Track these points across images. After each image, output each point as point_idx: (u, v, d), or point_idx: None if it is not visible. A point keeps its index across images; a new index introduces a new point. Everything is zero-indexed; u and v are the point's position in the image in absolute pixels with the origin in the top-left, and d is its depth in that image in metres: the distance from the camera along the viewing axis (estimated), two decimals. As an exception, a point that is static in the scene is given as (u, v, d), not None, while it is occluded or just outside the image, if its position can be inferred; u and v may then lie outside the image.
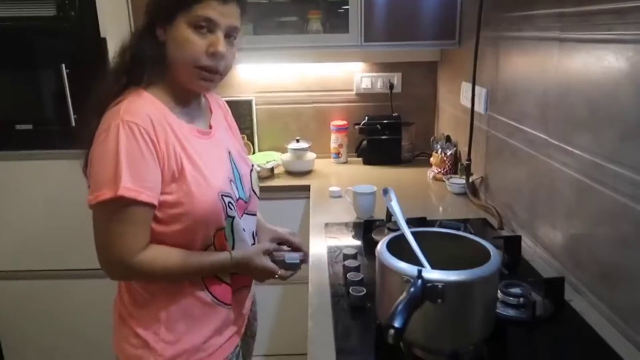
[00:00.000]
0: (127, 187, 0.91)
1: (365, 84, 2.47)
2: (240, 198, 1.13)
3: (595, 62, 1.11)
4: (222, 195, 1.04)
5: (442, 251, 1.03)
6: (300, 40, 2.13)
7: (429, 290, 0.81)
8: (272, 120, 2.49)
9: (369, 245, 1.48)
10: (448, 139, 2.20)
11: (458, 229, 1.32)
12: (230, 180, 1.10)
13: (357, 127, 2.41)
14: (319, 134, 2.49)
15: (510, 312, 1.09)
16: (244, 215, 1.16)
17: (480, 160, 1.86)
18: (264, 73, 2.44)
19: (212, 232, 1.04)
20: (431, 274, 0.83)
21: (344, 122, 2.45)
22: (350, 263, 1.30)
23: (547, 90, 1.34)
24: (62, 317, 2.18)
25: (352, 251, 1.37)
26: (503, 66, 1.64)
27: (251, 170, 1.22)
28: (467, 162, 1.88)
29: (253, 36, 2.12)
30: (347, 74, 2.48)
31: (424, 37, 2.09)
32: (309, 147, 2.32)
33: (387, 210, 1.59)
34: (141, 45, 1.02)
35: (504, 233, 1.56)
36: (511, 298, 1.11)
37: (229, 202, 1.06)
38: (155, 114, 0.98)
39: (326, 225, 1.70)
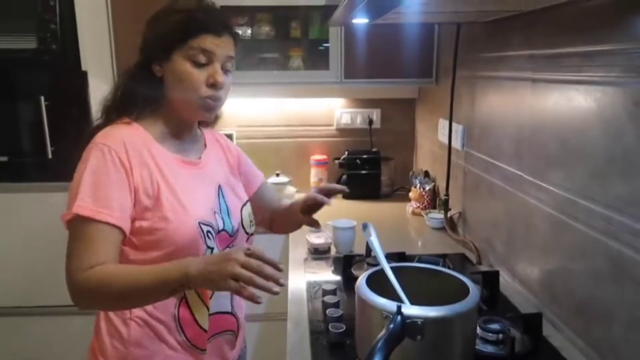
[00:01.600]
0: (82, 206, 0.91)
1: (345, 119, 2.51)
2: (224, 230, 1.08)
3: (566, 101, 1.15)
4: (200, 224, 1.01)
5: (422, 286, 1.03)
6: (281, 77, 2.17)
7: (408, 327, 0.81)
8: (252, 154, 2.44)
9: (349, 281, 1.47)
10: (426, 174, 2.23)
11: (437, 264, 1.34)
12: (214, 212, 1.07)
13: (337, 161, 2.43)
14: (299, 168, 2.51)
15: (489, 349, 1.09)
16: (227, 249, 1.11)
17: (458, 195, 1.89)
18: (245, 107, 2.46)
19: None
20: (410, 310, 0.83)
21: (324, 157, 2.48)
22: (329, 299, 1.29)
23: (521, 128, 1.38)
24: (36, 356, 2.09)
25: (332, 286, 1.36)
26: (479, 104, 1.69)
27: (243, 206, 1.18)
28: (445, 197, 1.90)
29: (235, 71, 2.14)
30: (328, 110, 2.52)
31: (402, 74, 2.15)
32: (289, 181, 2.33)
33: (367, 245, 1.59)
34: (134, 83, 1.04)
35: (483, 268, 1.57)
36: (490, 334, 1.10)
37: (208, 232, 1.03)
38: (132, 139, 0.99)
39: (305, 260, 1.69)
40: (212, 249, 1.04)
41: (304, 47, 2.26)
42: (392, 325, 0.79)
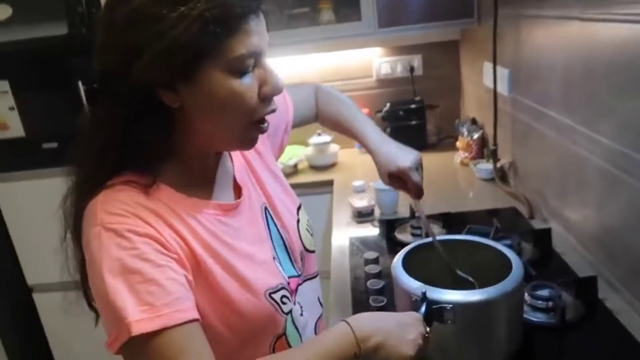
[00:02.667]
0: (137, 319, 0.61)
1: (385, 69, 2.40)
2: (290, 277, 0.85)
3: (617, 43, 1.02)
4: (269, 294, 0.77)
5: (467, 260, 0.99)
6: (312, 33, 2.08)
7: (435, 312, 0.77)
8: (292, 114, 2.46)
9: (393, 245, 1.45)
10: (474, 121, 2.11)
11: (487, 234, 1.28)
12: (274, 258, 0.83)
13: (379, 114, 2.34)
14: (341, 125, 2.44)
15: (539, 317, 1.04)
16: (300, 286, 0.88)
17: (507, 144, 1.78)
18: (278, 67, 2.40)
19: (268, 344, 0.79)
20: (439, 294, 0.80)
21: (366, 110, 2.38)
22: (371, 269, 1.27)
23: (569, 72, 1.25)
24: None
25: (373, 255, 1.34)
26: (524, 45, 1.55)
27: (298, 222, 0.92)
28: (493, 147, 1.80)
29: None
30: (365, 61, 2.41)
31: (439, 16, 1.99)
32: (331, 139, 2.28)
33: (410, 206, 1.55)
34: (140, 130, 0.67)
35: (535, 223, 1.49)
36: (539, 302, 1.06)
37: (282, 297, 0.79)
38: (149, 202, 0.69)
39: (349, 223, 1.67)
40: (290, 311, 0.82)
41: (334, -2, 2.14)
42: (419, 311, 0.76)
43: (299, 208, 0.95)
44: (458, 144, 2.11)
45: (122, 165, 0.70)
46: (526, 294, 1.08)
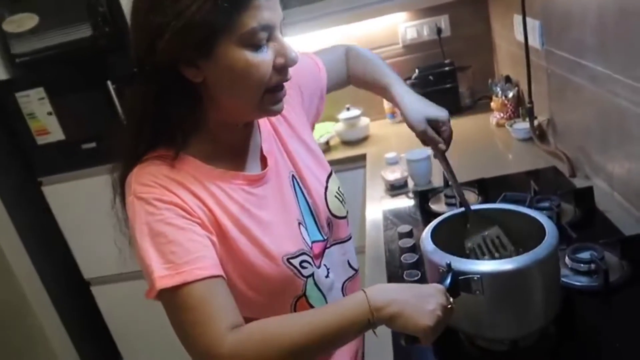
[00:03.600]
0: (162, 276, 0.70)
1: (411, 34, 2.32)
2: (314, 241, 0.90)
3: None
4: (288, 260, 0.83)
5: (503, 228, 0.95)
6: (331, 6, 2.03)
7: (462, 283, 0.75)
8: (321, 90, 2.43)
9: (428, 216, 1.42)
10: (508, 79, 2.02)
11: (524, 200, 1.23)
12: (299, 224, 0.88)
13: (408, 82, 2.27)
14: (371, 96, 2.38)
15: (582, 281, 1.00)
16: (328, 250, 0.93)
17: (543, 100, 1.69)
18: (301, 43, 2.37)
19: (289, 304, 0.86)
20: (465, 265, 0.77)
21: (395, 79, 2.33)
22: (404, 243, 1.25)
23: (603, 17, 1.16)
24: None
25: (407, 228, 1.32)
26: (554, -7, 1.45)
27: (326, 189, 0.95)
28: (528, 105, 1.71)
29: (283, 11, 2.06)
30: (390, 27, 2.33)
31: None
32: (361, 113, 2.24)
33: (444, 175, 1.51)
34: (168, 104, 0.75)
35: (577, 182, 1.42)
36: (581, 265, 1.01)
37: (301, 262, 0.84)
38: (177, 175, 0.77)
39: (382, 197, 1.65)
40: (312, 274, 0.86)
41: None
42: (444, 282, 0.74)
43: (329, 176, 0.98)
44: (492, 104, 2.03)
45: (155, 138, 0.78)
46: (567, 258, 1.03)
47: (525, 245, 0.87)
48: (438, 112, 1.04)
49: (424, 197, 1.47)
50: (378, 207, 1.59)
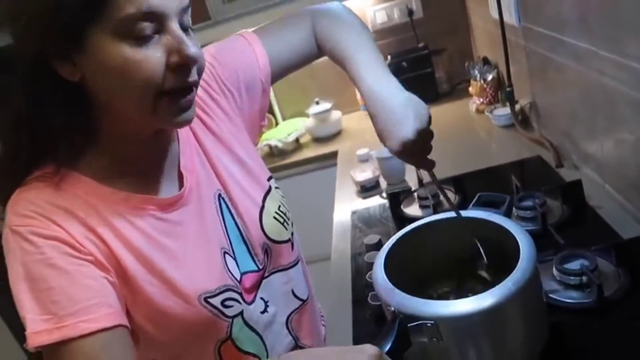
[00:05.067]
0: (38, 331, 0.57)
1: (381, 18, 2.14)
2: (245, 272, 0.76)
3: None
4: (205, 299, 0.69)
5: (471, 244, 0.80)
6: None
7: (414, 331, 0.60)
8: (287, 88, 2.25)
9: (401, 222, 1.27)
10: (486, 60, 1.86)
11: (502, 202, 1.08)
12: (224, 252, 0.74)
13: (381, 70, 2.11)
14: (343, 88, 2.22)
15: (573, 297, 0.85)
16: (266, 279, 0.79)
17: (523, 83, 1.53)
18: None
19: (211, 349, 0.73)
20: (414, 307, 0.62)
21: (367, 68, 2.17)
22: (371, 257, 1.10)
23: (583, -15, 1.00)
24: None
25: (375, 239, 1.16)
26: (527, -38, 1.29)
27: (262, 210, 0.79)
28: (508, 89, 1.56)
29: (239, 0, 1.89)
30: (358, 11, 2.08)
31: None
32: (332, 106, 2.08)
33: (417, 174, 1.36)
34: (40, 108, 0.61)
35: (564, 172, 1.27)
36: (570, 277, 0.86)
37: (224, 300, 0.71)
38: (60, 199, 0.62)
39: (353, 199, 1.50)
40: (240, 313, 0.74)
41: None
42: (389, 334, 0.59)
43: (267, 193, 0.82)
44: (471, 89, 1.87)
45: (37, 151, 0.64)
46: (554, 269, 0.88)
47: (502, 263, 0.72)
48: (409, 130, 0.71)
49: (395, 200, 1.32)
50: (347, 211, 1.43)
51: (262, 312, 0.77)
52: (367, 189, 1.50)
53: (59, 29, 0.57)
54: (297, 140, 2.05)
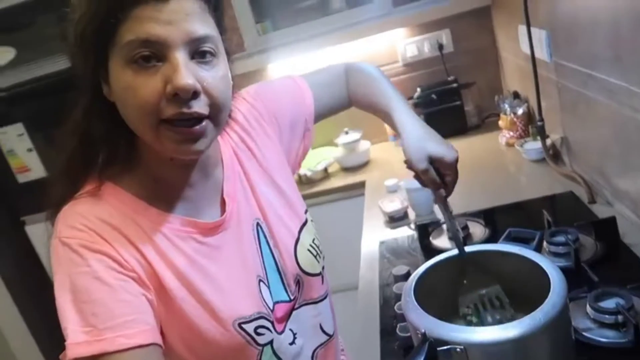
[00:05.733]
0: (78, 342, 0.59)
1: (411, 51, 2.18)
2: (278, 302, 0.77)
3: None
4: (240, 325, 0.70)
5: (503, 276, 0.79)
6: (323, 25, 1.92)
7: (443, 355, 0.60)
8: (317, 116, 2.30)
9: (429, 253, 1.26)
10: (516, 95, 1.86)
11: (532, 238, 1.07)
12: (260, 280, 0.75)
13: (410, 101, 2.14)
14: (371, 118, 2.21)
15: (608, 336, 0.83)
16: (296, 311, 0.79)
17: (555, 117, 1.53)
18: (297, 66, 2.25)
19: None
20: (445, 332, 0.62)
21: (396, 99, 2.20)
22: (399, 288, 1.10)
23: (617, 22, 1.01)
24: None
25: (403, 270, 1.16)
26: (561, 0, 1.31)
27: (297, 242, 0.81)
28: (539, 123, 1.55)
29: (274, 33, 1.95)
30: (389, 45, 2.20)
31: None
32: (360, 136, 2.11)
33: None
34: (88, 123, 0.66)
35: (597, 208, 1.25)
36: (605, 316, 0.84)
37: (257, 328, 0.72)
38: (107, 214, 0.65)
39: (381, 229, 1.50)
40: (270, 342, 0.74)
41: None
42: (418, 356, 0.59)
43: (303, 225, 0.84)
44: (501, 123, 1.87)
45: (87, 164, 0.68)
46: (588, 307, 0.87)
47: (531, 299, 0.72)
48: (444, 150, 0.84)
49: (424, 231, 1.32)
50: (375, 241, 1.44)
51: (290, 344, 0.77)
52: (395, 220, 1.50)
53: (89, 50, 0.61)
54: (325, 169, 2.07)
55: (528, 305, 0.65)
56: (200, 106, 0.62)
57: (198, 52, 0.62)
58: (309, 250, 0.82)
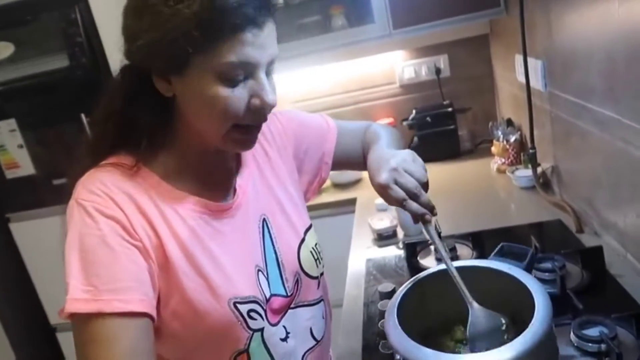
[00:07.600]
0: (77, 298, 0.62)
1: (409, 73, 2.21)
2: (275, 295, 0.79)
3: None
4: (235, 304, 0.72)
5: (490, 294, 0.78)
6: (324, 41, 1.93)
7: None
8: (313, 129, 2.31)
9: (414, 272, 1.25)
10: (509, 122, 1.89)
11: (525, 255, 1.07)
12: (259, 271, 0.78)
13: (405, 123, 2.15)
14: (366, 137, 2.27)
15: (590, 364, 0.83)
16: (292, 310, 0.82)
17: (547, 146, 1.55)
18: (296, 81, 2.27)
19: (227, 357, 0.74)
20: (425, 357, 0.61)
21: (391, 120, 2.22)
22: (384, 305, 1.09)
23: (611, 56, 1.03)
24: None
25: (389, 287, 1.15)
26: (557, 31, 1.33)
27: (301, 242, 0.84)
28: (531, 151, 1.57)
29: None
30: (387, 66, 2.23)
31: (462, 9, 1.79)
32: (354, 154, 2.11)
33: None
34: (133, 108, 0.71)
35: (585, 238, 1.26)
36: (589, 344, 0.84)
37: (250, 311, 0.74)
38: (126, 184, 0.69)
39: (369, 247, 1.50)
40: (261, 329, 0.75)
41: (345, 1, 1.99)
42: None
43: (308, 228, 0.88)
44: (493, 149, 1.89)
45: (118, 141, 0.73)
46: (572, 334, 0.87)
47: (518, 317, 0.71)
48: (413, 166, 0.77)
49: (411, 251, 1.32)
50: (362, 258, 1.43)
51: (282, 340, 0.79)
52: (383, 238, 1.50)
53: (168, 57, 0.65)
54: (317, 184, 2.07)
55: (516, 326, 0.64)
56: (266, 116, 0.71)
57: (269, 70, 0.70)
58: (311, 252, 0.86)
